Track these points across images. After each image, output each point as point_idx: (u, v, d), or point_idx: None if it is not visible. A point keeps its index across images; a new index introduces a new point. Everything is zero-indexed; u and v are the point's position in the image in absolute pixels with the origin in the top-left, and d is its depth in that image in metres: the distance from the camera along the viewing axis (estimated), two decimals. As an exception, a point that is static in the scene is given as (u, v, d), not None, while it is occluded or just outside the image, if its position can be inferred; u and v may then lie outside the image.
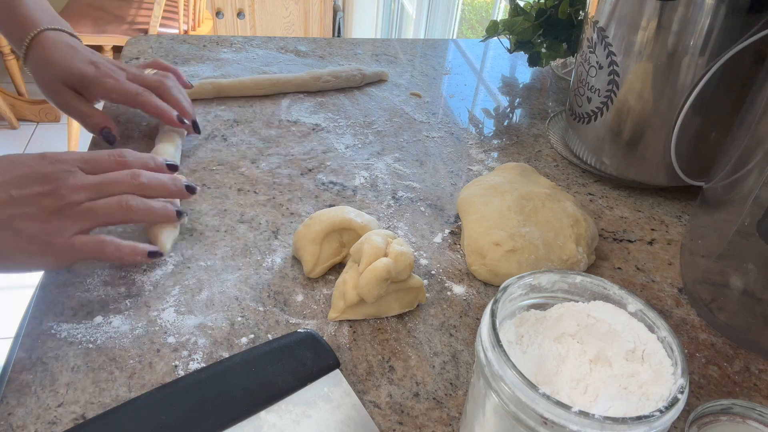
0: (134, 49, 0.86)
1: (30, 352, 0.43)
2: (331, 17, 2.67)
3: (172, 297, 0.48)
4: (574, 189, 0.67)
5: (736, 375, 0.47)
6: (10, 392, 0.40)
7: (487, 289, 0.53)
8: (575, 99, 0.68)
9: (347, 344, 0.46)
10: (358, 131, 0.73)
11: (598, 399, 0.31)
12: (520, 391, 0.28)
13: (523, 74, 0.94)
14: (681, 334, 0.50)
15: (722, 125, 0.59)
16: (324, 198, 0.61)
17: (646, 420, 0.27)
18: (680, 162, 0.62)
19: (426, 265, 0.54)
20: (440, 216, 0.60)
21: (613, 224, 0.62)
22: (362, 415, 0.41)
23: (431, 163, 0.69)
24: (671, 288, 0.55)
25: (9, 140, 2.38)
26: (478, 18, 2.42)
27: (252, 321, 0.47)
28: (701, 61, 0.56)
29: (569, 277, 0.35)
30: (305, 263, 0.51)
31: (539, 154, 0.73)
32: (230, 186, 0.61)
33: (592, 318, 0.34)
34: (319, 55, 0.90)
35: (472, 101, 0.83)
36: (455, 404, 0.43)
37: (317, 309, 0.49)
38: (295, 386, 0.41)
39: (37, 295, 0.47)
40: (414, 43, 1.00)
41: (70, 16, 2.09)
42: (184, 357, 0.44)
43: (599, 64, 0.62)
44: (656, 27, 0.56)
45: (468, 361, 0.46)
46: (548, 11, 0.80)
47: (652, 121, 0.61)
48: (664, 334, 0.32)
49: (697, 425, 0.40)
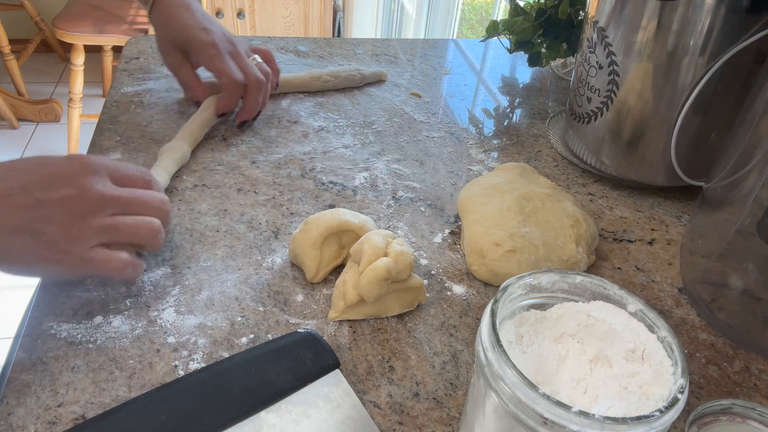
0: (134, 49, 0.86)
1: (30, 352, 0.43)
2: (331, 17, 2.67)
3: (172, 297, 0.48)
4: (574, 189, 0.67)
5: (736, 375, 0.47)
6: (10, 392, 0.40)
7: (487, 289, 0.53)
8: (575, 99, 0.68)
9: (347, 344, 0.46)
10: (358, 131, 0.73)
11: (598, 399, 0.31)
12: (520, 391, 0.28)
13: (523, 74, 0.94)
14: (681, 334, 0.50)
15: (722, 125, 0.59)
16: (324, 198, 0.61)
17: (646, 420, 0.27)
18: (680, 162, 0.62)
19: (426, 265, 0.54)
20: (440, 216, 0.60)
21: (613, 224, 0.62)
22: (362, 415, 0.41)
23: (431, 163, 0.69)
24: (671, 288, 0.55)
25: (9, 140, 2.38)
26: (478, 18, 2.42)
27: (252, 321, 0.47)
28: (701, 61, 0.56)
29: (569, 277, 0.35)
30: (307, 269, 0.50)
31: (539, 154, 0.73)
32: (230, 186, 0.61)
33: (592, 318, 0.34)
34: (319, 55, 0.90)
35: (472, 101, 0.83)
36: (455, 404, 0.43)
37: (317, 309, 0.49)
38: (295, 386, 0.41)
39: (37, 295, 0.47)
40: (414, 43, 1.00)
41: (70, 16, 2.09)
42: (184, 357, 0.44)
43: (599, 64, 0.62)
44: (656, 27, 0.56)
45: (468, 361, 0.46)
46: (548, 11, 0.80)
47: (652, 121, 0.61)
48: (664, 334, 0.32)
49: (697, 425, 0.40)
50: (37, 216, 0.41)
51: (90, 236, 0.42)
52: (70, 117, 2.19)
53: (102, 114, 0.70)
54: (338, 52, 0.92)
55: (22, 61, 2.50)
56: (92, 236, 0.42)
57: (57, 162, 0.43)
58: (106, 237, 0.43)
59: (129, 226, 0.44)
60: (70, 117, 2.19)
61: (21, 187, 0.41)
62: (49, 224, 0.41)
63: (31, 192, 0.41)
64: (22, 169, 0.42)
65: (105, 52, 2.38)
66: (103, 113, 0.70)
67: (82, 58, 2.10)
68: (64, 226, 0.41)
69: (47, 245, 0.41)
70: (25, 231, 0.41)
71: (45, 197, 0.41)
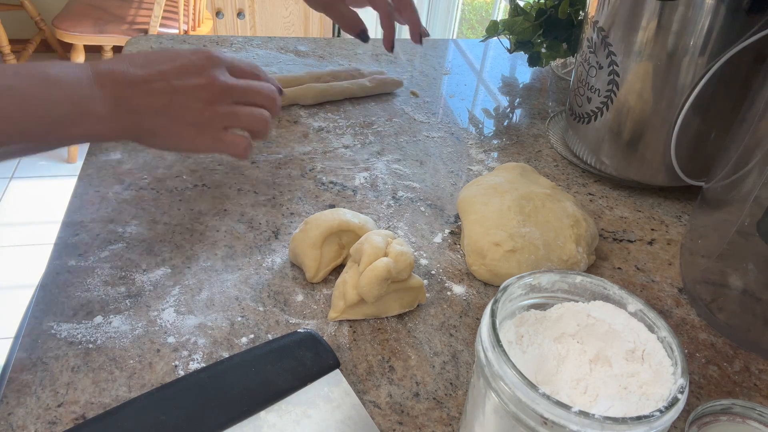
0: (134, 49, 0.86)
1: (30, 352, 0.43)
2: (331, 17, 2.66)
3: (172, 297, 0.48)
4: (574, 189, 0.67)
5: (736, 375, 0.47)
6: (10, 392, 0.40)
7: (487, 289, 0.53)
8: (575, 99, 0.68)
9: (347, 344, 0.46)
10: (357, 131, 0.73)
11: (598, 399, 0.31)
12: (520, 391, 0.28)
13: (523, 74, 0.94)
14: (681, 334, 0.50)
15: (722, 125, 0.59)
16: (324, 198, 0.61)
17: (646, 420, 0.27)
18: (680, 162, 0.62)
19: (426, 265, 0.54)
20: (440, 216, 0.60)
21: (613, 224, 0.62)
22: (362, 415, 0.41)
23: (431, 163, 0.69)
24: (671, 288, 0.55)
25: (9, 140, 2.37)
26: (478, 18, 2.42)
27: (252, 321, 0.47)
28: (701, 61, 0.56)
29: (569, 277, 0.35)
30: (308, 269, 0.50)
31: (539, 154, 0.73)
32: (230, 186, 0.61)
33: (592, 318, 0.34)
34: (319, 55, 0.90)
35: (472, 101, 0.83)
36: (455, 404, 0.43)
37: (317, 309, 0.49)
38: (295, 386, 0.41)
39: (37, 295, 0.47)
40: (414, 43, 1.00)
41: (70, 16, 2.09)
42: (184, 357, 0.44)
43: (599, 64, 0.62)
44: (656, 27, 0.56)
45: (468, 361, 0.46)
46: (548, 11, 0.80)
47: (652, 121, 0.61)
48: (664, 334, 0.32)
49: (697, 425, 0.40)
50: (175, 101, 0.48)
51: (216, 120, 0.50)
52: (70, 117, 2.19)
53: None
54: (338, 52, 0.92)
55: (22, 61, 2.50)
56: (218, 120, 0.50)
57: (186, 54, 0.50)
58: (230, 122, 0.50)
59: (246, 114, 0.51)
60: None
61: (159, 74, 0.48)
62: (185, 108, 0.48)
63: (168, 79, 0.48)
64: (158, 59, 0.49)
65: (105, 52, 2.37)
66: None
67: (82, 58, 2.10)
68: (195, 110, 0.49)
69: (186, 125, 0.49)
70: (166, 113, 0.48)
71: (180, 84, 0.48)
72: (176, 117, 0.48)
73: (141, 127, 0.48)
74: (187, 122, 0.49)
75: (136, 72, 0.47)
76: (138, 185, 0.60)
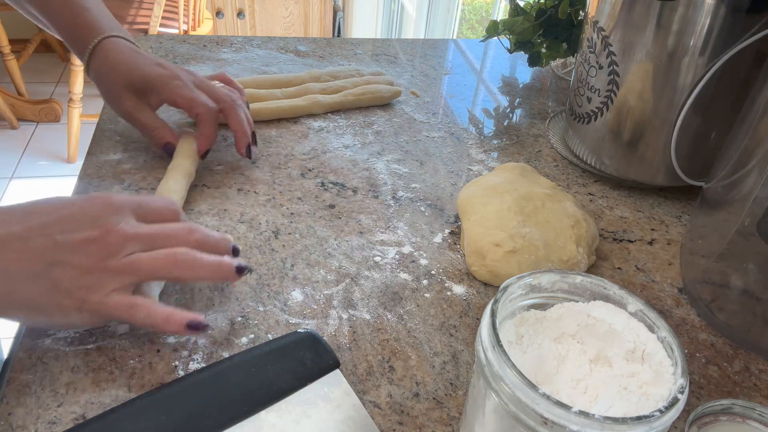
0: (134, 49, 0.85)
1: (30, 352, 0.43)
2: (331, 17, 2.67)
3: (172, 297, 0.48)
4: (574, 189, 0.67)
5: (736, 375, 0.47)
6: (10, 392, 0.40)
7: (487, 289, 0.53)
8: (575, 99, 0.68)
9: (347, 344, 0.46)
10: (358, 131, 0.73)
11: (598, 399, 0.31)
12: (520, 391, 0.28)
13: (523, 74, 0.94)
14: (681, 334, 0.50)
15: (722, 125, 0.59)
16: (324, 198, 0.61)
17: (646, 420, 0.27)
18: (680, 162, 0.62)
19: (426, 265, 0.54)
20: (440, 216, 0.60)
21: (613, 224, 0.62)
22: (362, 415, 0.41)
23: (431, 163, 0.69)
24: (671, 288, 0.55)
25: (9, 140, 2.38)
26: (478, 18, 2.42)
27: (252, 321, 0.47)
28: (701, 61, 0.56)
29: (569, 277, 0.35)
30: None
31: (539, 154, 0.73)
32: (230, 186, 0.61)
33: (592, 318, 0.34)
34: (319, 55, 0.90)
35: (472, 101, 0.83)
36: (455, 404, 0.43)
37: (317, 309, 0.49)
38: (295, 386, 0.41)
39: (36, 296, 0.47)
40: (414, 43, 1.00)
41: (70, 16, 2.08)
42: (184, 357, 0.44)
43: (599, 64, 0.62)
44: (656, 27, 0.56)
45: (468, 361, 0.46)
46: (548, 11, 0.80)
47: (652, 121, 0.61)
48: (664, 334, 0.32)
49: (697, 425, 0.40)
50: (57, 260, 0.39)
51: (108, 281, 0.40)
52: (70, 117, 2.19)
53: (102, 114, 0.70)
54: (338, 52, 0.92)
55: (22, 61, 2.50)
56: (110, 280, 0.40)
57: (77, 202, 0.41)
58: (128, 278, 0.40)
59: (148, 261, 0.41)
60: (70, 117, 2.19)
61: (40, 228, 0.39)
62: (68, 270, 0.39)
63: (50, 234, 0.39)
64: (40, 211, 0.40)
65: (105, 52, 2.37)
66: (103, 113, 0.70)
67: (82, 57, 2.10)
68: (82, 272, 0.39)
69: (65, 293, 0.39)
70: (44, 277, 0.38)
71: (65, 239, 0.39)
72: (55, 282, 0.38)
73: (12, 299, 0.38)
74: (67, 289, 0.39)
75: (11, 228, 0.38)
76: (138, 185, 0.60)
